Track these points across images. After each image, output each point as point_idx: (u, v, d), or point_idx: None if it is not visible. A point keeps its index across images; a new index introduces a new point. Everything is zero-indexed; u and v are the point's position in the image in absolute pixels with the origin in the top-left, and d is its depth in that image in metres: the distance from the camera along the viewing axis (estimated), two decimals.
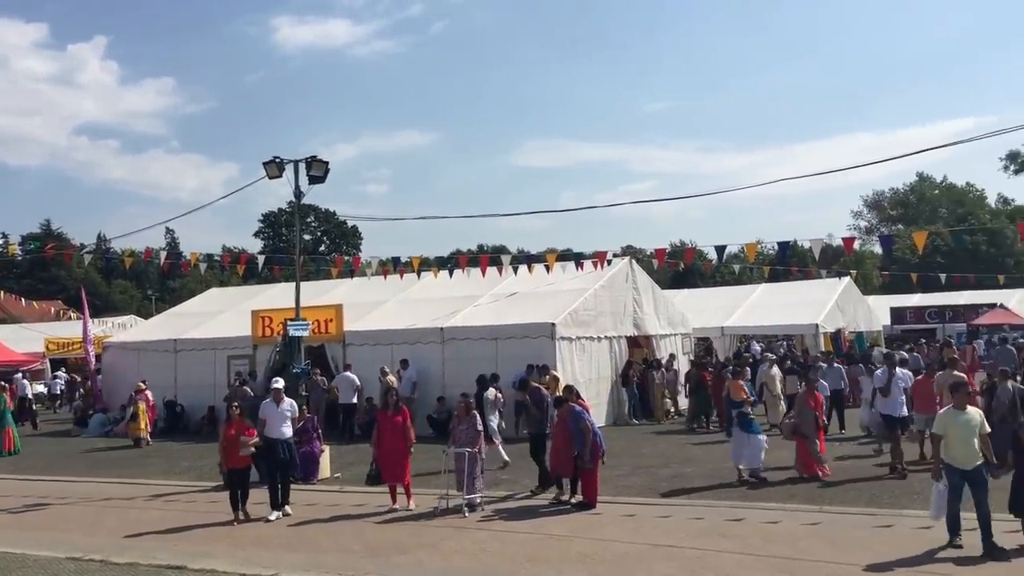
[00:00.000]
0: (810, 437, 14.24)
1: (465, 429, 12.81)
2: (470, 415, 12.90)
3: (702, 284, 50.67)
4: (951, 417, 9.73)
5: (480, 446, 12.74)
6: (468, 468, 12.40)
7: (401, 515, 12.50)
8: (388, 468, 13.09)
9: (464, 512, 12.21)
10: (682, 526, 11.21)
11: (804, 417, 14.44)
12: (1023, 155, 79.63)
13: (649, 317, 25.40)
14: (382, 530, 11.74)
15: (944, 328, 38.86)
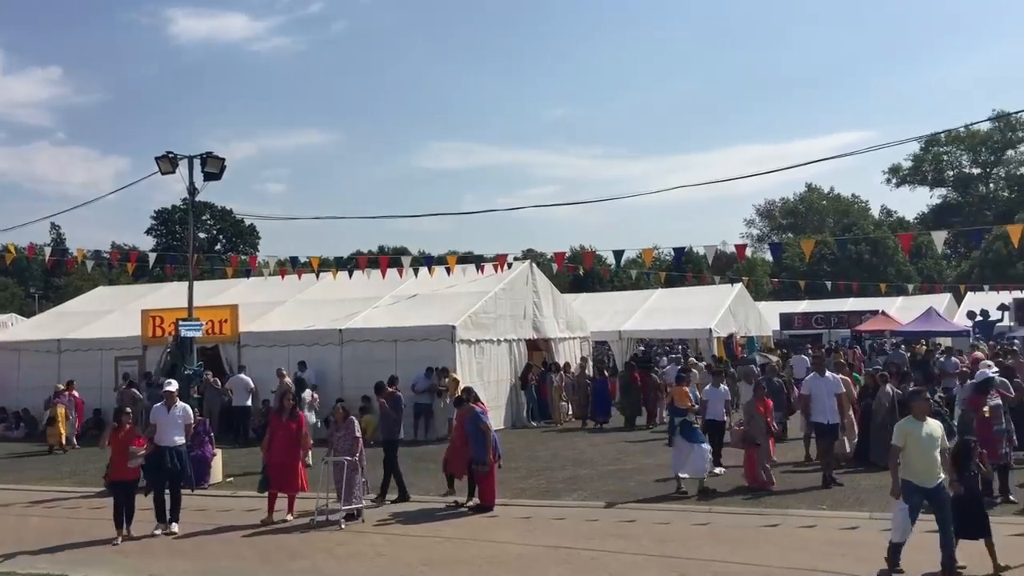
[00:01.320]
0: (762, 445, 13.59)
1: (343, 436, 12.29)
2: (347, 421, 12.38)
3: (601, 288, 51.35)
4: (911, 427, 8.89)
5: (360, 453, 12.24)
6: (347, 477, 11.90)
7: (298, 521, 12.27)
8: (276, 476, 12.41)
9: (341, 524, 11.69)
10: (577, 528, 11.35)
11: (755, 424, 13.76)
12: (904, 169, 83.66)
13: (548, 320, 25.63)
14: (276, 536, 11.52)
15: (830, 333, 40.42)
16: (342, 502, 11.90)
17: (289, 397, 13.14)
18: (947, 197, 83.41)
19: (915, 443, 8.75)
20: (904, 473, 8.75)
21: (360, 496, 12.22)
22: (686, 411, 14.38)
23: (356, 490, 12.10)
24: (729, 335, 31.03)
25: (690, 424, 13.89)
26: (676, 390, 14.96)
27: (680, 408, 14.52)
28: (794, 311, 44.16)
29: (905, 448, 8.76)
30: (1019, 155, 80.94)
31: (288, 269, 23.47)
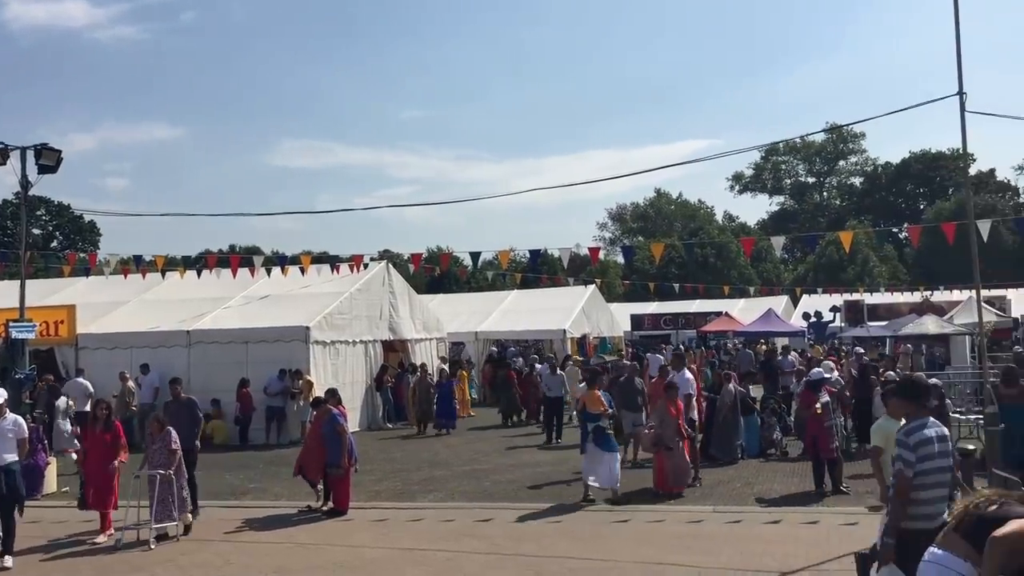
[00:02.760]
0: (674, 449, 13.01)
1: (158, 449, 11.37)
2: (164, 433, 11.41)
3: (458, 289, 51.53)
4: (891, 427, 8.01)
5: (176, 466, 11.33)
6: (159, 493, 11.05)
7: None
8: (95, 492, 11.35)
9: (151, 544, 10.76)
10: (433, 529, 11.35)
11: (666, 427, 13.10)
12: (746, 177, 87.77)
13: (405, 321, 25.52)
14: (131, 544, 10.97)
15: (677, 334, 41.91)
16: (153, 519, 10.99)
17: (103, 407, 11.87)
18: (785, 204, 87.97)
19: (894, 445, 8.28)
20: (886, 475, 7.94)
21: (176, 513, 11.18)
22: (599, 416, 13.30)
23: (172, 507, 11.15)
24: (582, 336, 31.74)
25: (603, 430, 13.15)
26: (588, 394, 13.77)
27: (593, 413, 13.40)
28: (644, 312, 45.55)
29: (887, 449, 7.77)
30: (850, 166, 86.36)
31: (131, 268, 22.44)
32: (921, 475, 5.89)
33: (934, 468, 5.92)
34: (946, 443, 6.10)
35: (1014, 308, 34.68)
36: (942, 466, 5.97)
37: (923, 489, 5.89)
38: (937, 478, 5.93)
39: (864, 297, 38.53)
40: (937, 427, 6.10)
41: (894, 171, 78.92)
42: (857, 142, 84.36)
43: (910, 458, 5.88)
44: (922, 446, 5.91)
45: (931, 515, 5.88)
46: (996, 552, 3.96)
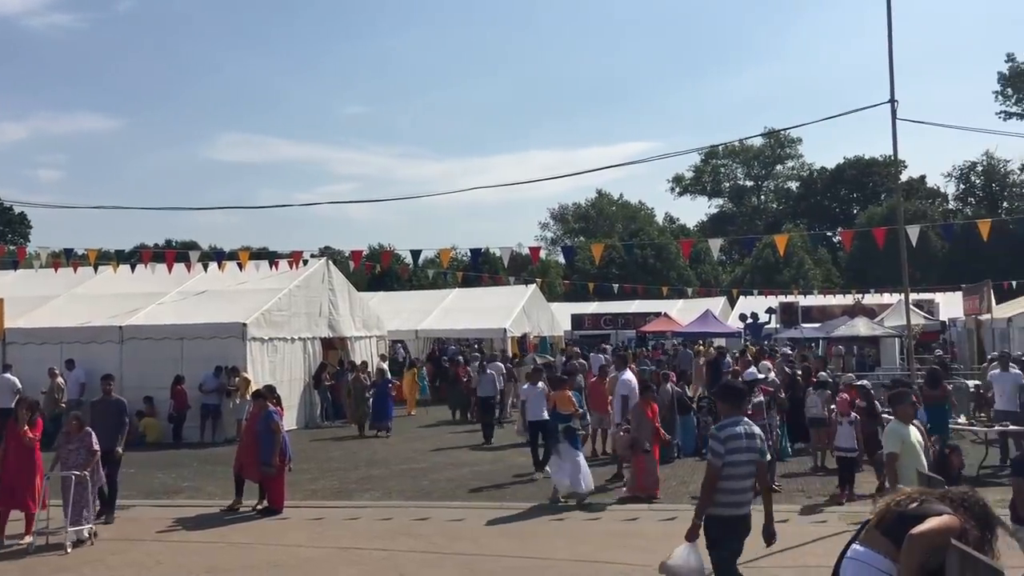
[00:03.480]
0: (649, 452, 12.72)
1: (74, 449, 10.94)
2: (83, 433, 11.03)
3: (399, 287, 51.27)
4: (903, 432, 8.08)
5: (92, 468, 10.92)
6: (75, 496, 10.56)
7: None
8: (7, 491, 10.83)
9: (67, 548, 10.30)
10: (369, 528, 11.31)
11: (643, 429, 12.80)
12: (686, 179, 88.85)
13: (344, 319, 25.33)
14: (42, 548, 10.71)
15: (617, 334, 42.28)
16: (68, 522, 10.47)
17: (23, 405, 11.47)
18: (723, 207, 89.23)
19: (910, 449, 7.96)
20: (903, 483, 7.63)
21: (91, 517, 10.86)
22: (570, 416, 13.01)
23: (87, 510, 10.76)
24: (523, 335, 31.86)
25: (574, 431, 12.87)
26: (558, 394, 13.39)
27: (563, 413, 13.07)
28: (584, 312, 45.87)
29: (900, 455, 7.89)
30: (787, 170, 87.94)
31: (62, 261, 21.89)
32: (729, 466, 6.48)
33: (741, 461, 6.52)
34: (754, 440, 6.64)
35: (942, 311, 35.69)
36: (748, 459, 6.57)
37: (731, 479, 6.49)
38: (743, 470, 6.54)
39: (799, 299, 39.32)
40: (747, 426, 6.71)
41: (829, 176, 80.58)
42: (794, 147, 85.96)
43: (719, 450, 6.48)
44: (731, 440, 6.51)
45: (737, 503, 6.53)
46: (914, 549, 4.07)
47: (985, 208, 63.38)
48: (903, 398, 8.48)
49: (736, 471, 6.50)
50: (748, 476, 6.59)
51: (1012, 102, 64.27)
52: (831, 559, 4.59)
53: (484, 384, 20.04)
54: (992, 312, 25.16)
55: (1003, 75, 63.98)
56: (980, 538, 4.19)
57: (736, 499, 6.53)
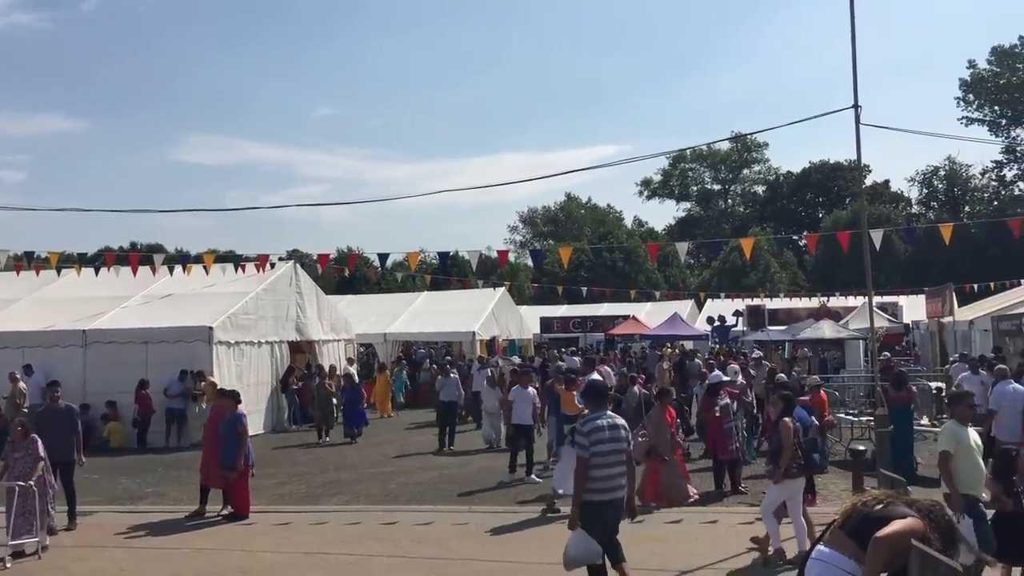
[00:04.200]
0: (670, 459, 12.37)
1: (20, 458, 10.50)
2: (29, 441, 10.61)
3: (368, 291, 51.02)
4: (960, 432, 8.09)
5: (40, 476, 10.47)
6: (17, 506, 10.10)
7: None
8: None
9: (6, 563, 9.82)
10: (337, 532, 11.23)
11: (661, 435, 12.36)
12: (654, 182, 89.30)
13: (312, 322, 25.18)
14: None
15: (586, 336, 42.39)
16: (10, 536, 10.01)
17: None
18: (691, 210, 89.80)
19: (965, 451, 7.95)
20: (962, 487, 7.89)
21: (38, 529, 10.30)
22: (576, 418, 12.19)
23: (33, 521, 10.24)
24: (492, 338, 31.86)
25: None
26: (564, 395, 12.73)
27: (570, 415, 12.44)
28: (553, 315, 45.93)
29: (956, 456, 7.89)
30: (753, 174, 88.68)
31: (24, 264, 21.54)
32: (596, 456, 7.25)
33: (606, 451, 7.30)
34: (617, 431, 7.43)
35: (906, 314, 36.19)
36: (613, 449, 7.34)
37: (598, 468, 7.26)
38: (608, 459, 7.31)
39: (765, 302, 39.67)
40: (611, 419, 7.53)
41: (795, 180, 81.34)
42: (761, 151, 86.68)
43: (584, 443, 7.28)
44: (594, 433, 7.31)
45: (605, 489, 7.28)
46: (879, 552, 4.11)
47: (947, 212, 64.36)
48: (962, 399, 8.50)
49: (602, 460, 7.27)
50: (615, 464, 7.35)
51: (973, 108, 65.33)
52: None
53: (448, 388, 19.43)
54: (954, 315, 25.53)
55: (965, 81, 65.01)
56: (942, 551, 4.24)
57: (605, 485, 7.27)
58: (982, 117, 65.14)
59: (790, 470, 9.26)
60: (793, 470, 9.30)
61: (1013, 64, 62.84)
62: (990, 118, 64.96)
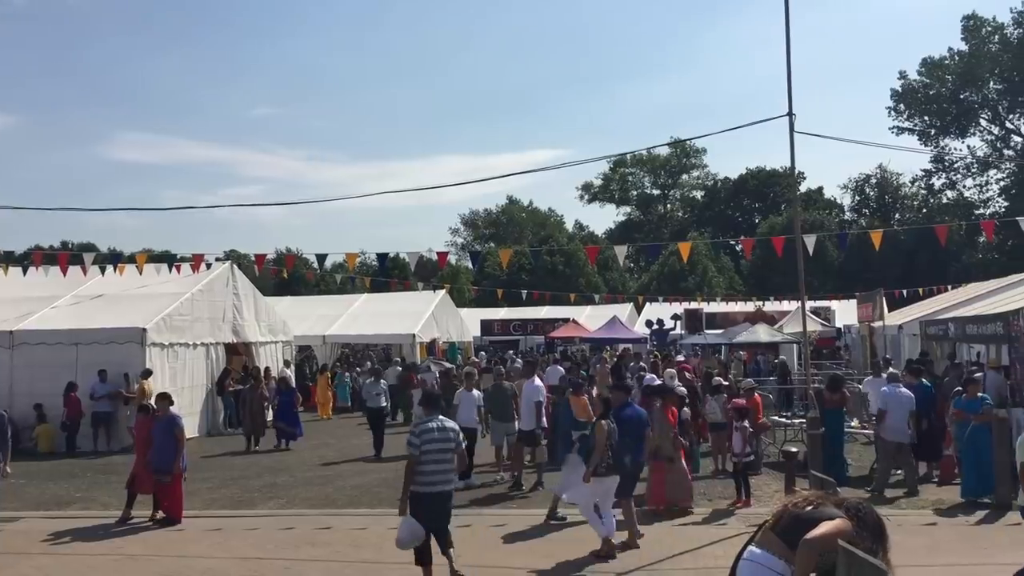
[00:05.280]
0: (676, 461, 12.05)
1: None
2: None
3: (308, 292, 50.49)
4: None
5: None
6: None
7: None
8: None
9: None
10: (272, 537, 11.08)
11: (665, 436, 11.99)
12: (595, 187, 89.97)
13: (249, 324, 24.81)
14: None
15: (526, 340, 42.54)
16: None
17: None
18: (631, 215, 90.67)
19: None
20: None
21: None
22: (585, 424, 11.75)
23: None
24: (432, 340, 31.75)
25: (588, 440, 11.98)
26: (575, 400, 12.37)
27: (579, 421, 11.94)
28: (494, 318, 46.00)
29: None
30: (692, 180, 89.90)
31: None
32: (425, 454, 8.28)
33: (434, 450, 8.33)
34: (446, 432, 8.47)
35: (838, 318, 37.01)
36: (441, 448, 8.37)
37: (427, 464, 8.30)
38: (437, 456, 8.34)
39: (703, 306, 40.22)
40: (441, 422, 8.54)
41: (732, 186, 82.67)
42: (699, 157, 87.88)
43: (416, 443, 8.32)
44: (425, 434, 8.36)
45: (432, 482, 8.32)
46: (808, 554, 4.18)
47: (878, 219, 65.94)
48: None
49: (431, 458, 8.31)
50: (443, 461, 8.39)
51: (904, 118, 67.05)
52: (731, 561, 4.68)
53: (374, 394, 18.78)
54: (884, 319, 26.17)
55: (896, 92, 66.72)
56: (870, 549, 4.33)
57: (432, 479, 8.33)
58: (912, 127, 66.92)
59: (598, 469, 9.74)
60: (601, 469, 9.76)
61: (942, 75, 64.66)
62: (920, 128, 66.74)
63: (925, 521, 11.21)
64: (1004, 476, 11.94)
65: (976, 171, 66.27)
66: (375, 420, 18.52)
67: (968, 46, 63.37)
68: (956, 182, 67.76)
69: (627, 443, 10.18)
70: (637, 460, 10.49)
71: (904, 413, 13.35)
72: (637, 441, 10.45)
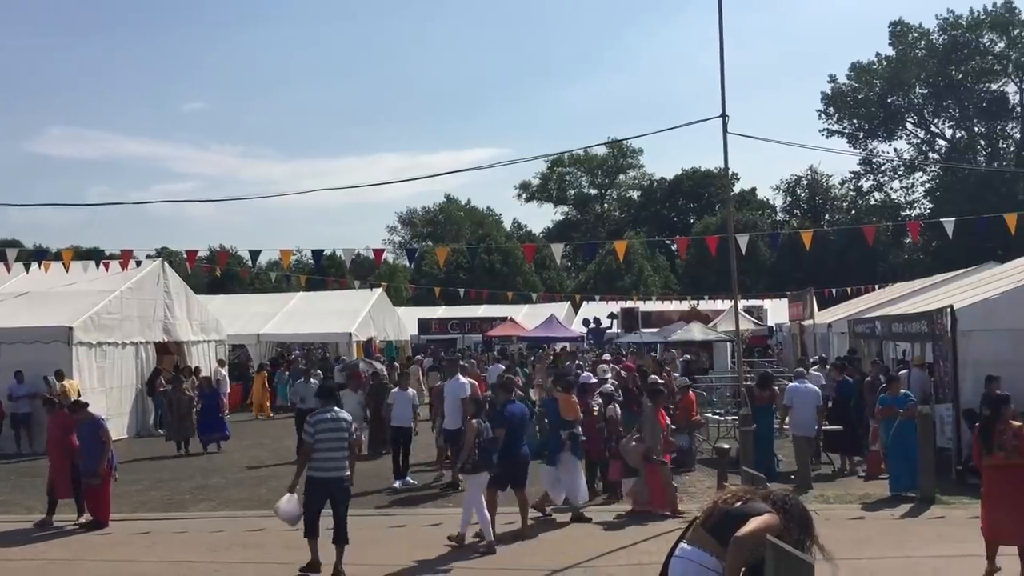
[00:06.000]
0: (665, 463, 11.80)
1: None
2: None
3: (241, 291, 49.67)
4: None
5: None
6: None
7: None
8: None
9: None
10: (202, 540, 10.88)
11: (655, 437, 11.74)
12: (533, 186, 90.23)
13: (181, 323, 24.32)
14: None
15: (464, 338, 42.45)
16: None
17: None
18: (568, 214, 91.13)
19: None
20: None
21: None
22: (573, 423, 11.82)
23: None
24: (369, 339, 31.49)
25: (578, 438, 11.79)
26: (563, 398, 12.04)
27: (567, 420, 11.81)
28: (432, 317, 45.83)
29: None
30: (629, 180, 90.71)
31: None
32: (319, 443, 8.95)
33: (328, 438, 8.98)
34: (339, 423, 9.11)
35: (770, 317, 37.71)
36: (334, 437, 9.02)
37: (320, 451, 8.96)
38: (330, 445, 9.00)
39: (639, 305, 40.59)
40: (335, 413, 9.20)
41: (668, 186, 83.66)
42: (636, 158, 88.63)
43: (311, 431, 9.00)
44: (320, 423, 9.01)
45: (325, 468, 8.96)
46: (739, 550, 4.25)
47: (809, 220, 67.38)
48: None
49: (324, 445, 8.95)
50: (336, 449, 9.02)
51: (834, 120, 68.62)
52: (663, 557, 4.72)
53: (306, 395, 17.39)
54: (814, 318, 26.73)
55: (826, 95, 68.24)
56: (798, 540, 4.42)
57: (325, 465, 8.96)
58: (841, 130, 68.50)
59: (465, 466, 10.34)
60: (468, 466, 10.29)
61: (870, 80, 66.33)
62: (849, 131, 68.36)
63: (852, 515, 11.47)
64: (928, 470, 12.31)
65: (902, 173, 68.20)
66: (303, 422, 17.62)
67: (895, 51, 65.12)
68: (883, 184, 69.63)
69: (513, 438, 10.63)
70: (522, 453, 10.88)
71: (811, 408, 13.85)
72: (521, 435, 10.93)
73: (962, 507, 11.33)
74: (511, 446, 10.57)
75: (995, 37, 63.17)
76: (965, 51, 63.16)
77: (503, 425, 10.56)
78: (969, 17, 62.79)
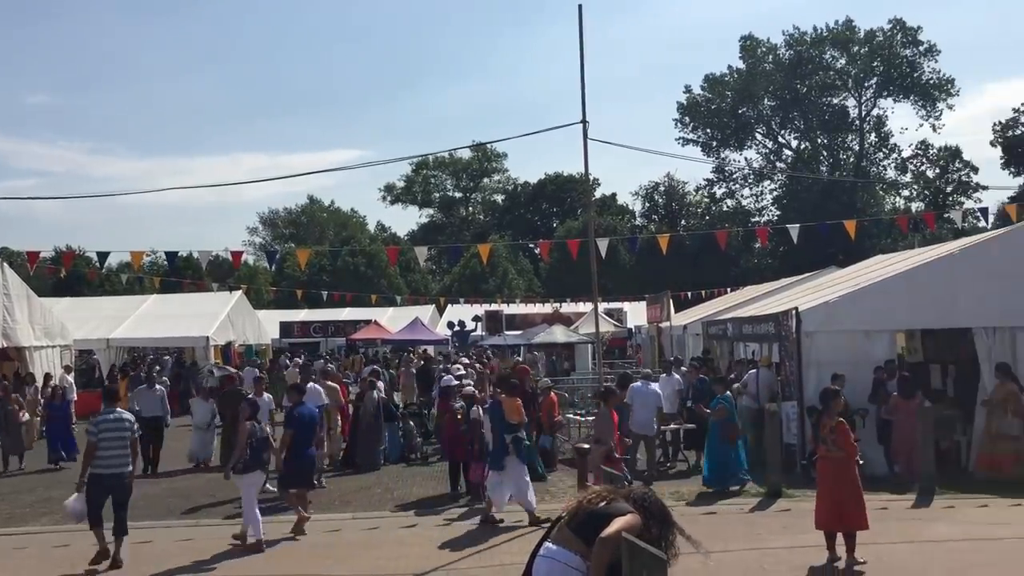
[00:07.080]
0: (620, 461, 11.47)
1: None
2: None
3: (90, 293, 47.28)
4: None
5: None
6: None
7: None
8: None
9: None
10: (44, 555, 10.37)
11: (607, 440, 11.47)
12: (398, 188, 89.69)
13: (22, 326, 22.92)
14: None
15: (327, 341, 41.74)
16: None
17: None
18: (433, 217, 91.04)
19: None
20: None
21: None
22: (517, 427, 11.60)
23: None
24: (227, 343, 30.57)
25: (522, 441, 11.59)
26: (507, 401, 11.79)
27: (511, 424, 11.56)
28: (294, 320, 44.86)
29: None
30: (493, 183, 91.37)
31: None
32: (102, 441, 9.56)
33: (110, 437, 9.63)
34: (122, 423, 9.81)
35: (630, 319, 38.70)
36: (116, 436, 9.68)
37: (103, 450, 9.56)
38: (112, 443, 9.63)
39: (503, 307, 40.93)
40: (119, 414, 9.96)
41: (531, 191, 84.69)
42: (500, 161, 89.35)
43: (95, 431, 9.58)
44: (103, 423, 9.65)
45: (109, 465, 9.57)
46: (603, 551, 4.35)
47: (666, 225, 69.56)
48: None
49: (107, 444, 9.58)
50: (118, 448, 9.67)
51: (689, 129, 71.11)
52: (525, 557, 4.78)
53: (151, 404, 16.93)
54: (671, 320, 27.61)
55: (682, 105, 70.67)
56: (658, 536, 4.57)
57: (109, 462, 9.57)
58: (696, 138, 71.04)
59: (236, 466, 10.58)
60: (239, 466, 10.55)
61: (723, 91, 69.07)
62: (703, 140, 71.01)
63: (704, 511, 11.90)
64: (775, 465, 12.91)
65: (752, 182, 71.25)
66: (150, 430, 15.94)
67: (745, 65, 68.05)
68: (735, 191, 72.52)
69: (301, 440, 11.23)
70: (308, 454, 11.51)
71: (650, 408, 14.42)
72: (310, 437, 11.57)
73: (806, 500, 11.91)
74: (299, 447, 11.18)
75: (836, 54, 66.85)
76: (809, 66, 66.55)
77: (292, 427, 11.19)
78: (813, 34, 66.27)
